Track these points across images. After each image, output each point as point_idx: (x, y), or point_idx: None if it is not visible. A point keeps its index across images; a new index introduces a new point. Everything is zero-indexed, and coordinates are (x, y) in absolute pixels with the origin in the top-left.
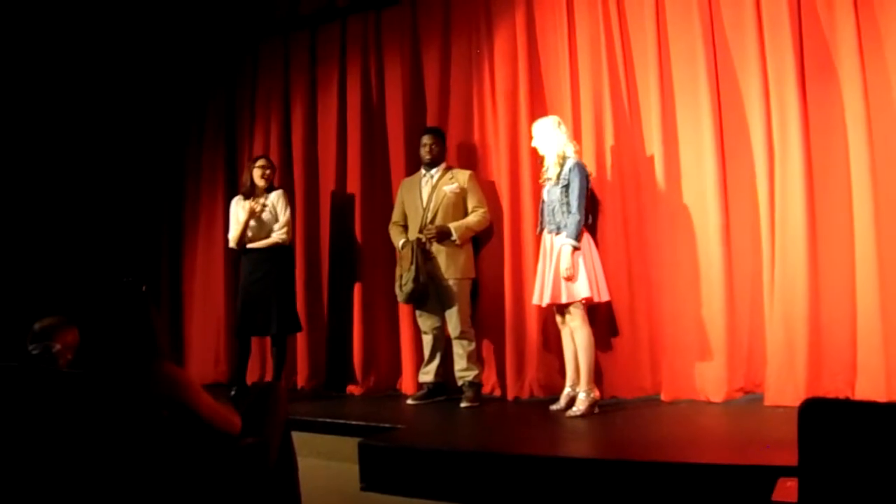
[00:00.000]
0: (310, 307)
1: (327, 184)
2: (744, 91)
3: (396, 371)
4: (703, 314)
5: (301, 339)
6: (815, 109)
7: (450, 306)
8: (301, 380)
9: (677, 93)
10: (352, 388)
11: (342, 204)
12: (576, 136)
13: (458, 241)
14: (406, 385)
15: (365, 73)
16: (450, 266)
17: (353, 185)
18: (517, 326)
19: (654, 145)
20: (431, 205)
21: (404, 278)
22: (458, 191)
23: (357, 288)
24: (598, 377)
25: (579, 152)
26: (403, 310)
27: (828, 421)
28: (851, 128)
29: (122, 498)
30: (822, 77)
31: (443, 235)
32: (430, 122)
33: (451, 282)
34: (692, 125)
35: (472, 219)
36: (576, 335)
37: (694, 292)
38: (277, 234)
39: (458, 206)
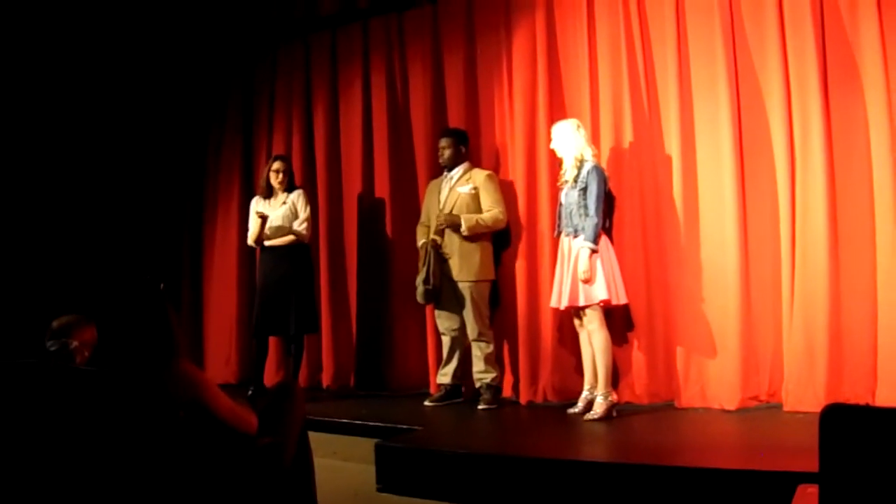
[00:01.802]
0: (336, 307)
1: (353, 185)
2: (765, 93)
3: (426, 371)
4: (719, 319)
5: (327, 338)
6: (837, 112)
7: (465, 308)
8: (326, 379)
9: (696, 95)
10: (382, 388)
11: (370, 205)
12: (594, 137)
13: (465, 232)
14: (435, 386)
15: (390, 74)
16: (463, 268)
17: (381, 186)
18: (532, 330)
19: (672, 148)
20: (447, 206)
21: (417, 279)
22: (472, 191)
23: (386, 288)
24: (614, 381)
25: (597, 156)
26: (430, 311)
27: (850, 427)
28: (874, 131)
29: (138, 497)
30: (844, 79)
31: (454, 225)
32: (453, 123)
33: (464, 284)
34: (711, 128)
35: (485, 215)
36: (593, 338)
37: (711, 297)
38: (298, 228)
39: (473, 206)
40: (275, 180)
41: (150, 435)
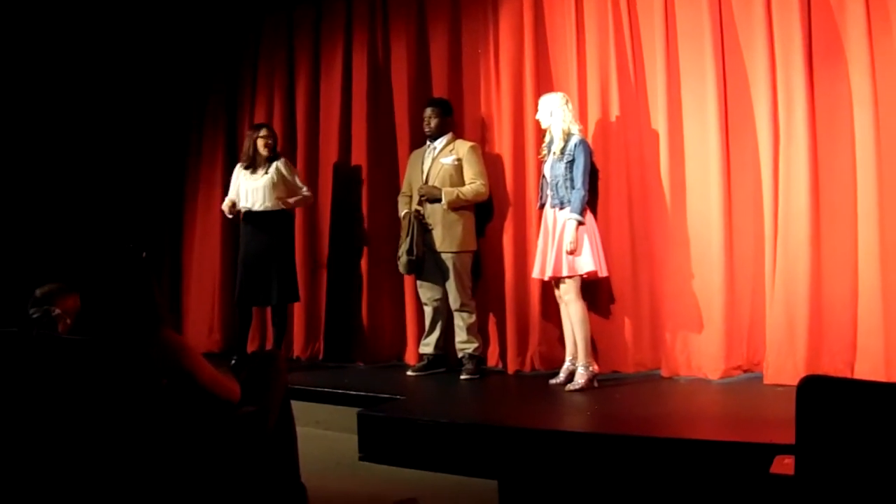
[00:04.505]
0: (309, 277)
1: (330, 155)
2: (749, 70)
3: (401, 342)
4: (703, 292)
5: (299, 308)
6: (821, 90)
7: (448, 279)
8: (298, 349)
9: (683, 71)
10: (354, 359)
11: (346, 175)
12: (581, 111)
13: (445, 206)
14: (410, 356)
15: (371, 45)
16: (446, 238)
17: (359, 157)
18: (519, 300)
19: (659, 123)
20: (430, 177)
21: (400, 250)
22: (455, 162)
23: (361, 259)
24: (597, 352)
25: (583, 131)
26: (408, 281)
27: (826, 399)
28: (857, 109)
29: (121, 464)
30: (829, 57)
31: (435, 197)
32: (437, 94)
33: (447, 254)
34: (697, 104)
35: (466, 188)
36: (570, 309)
37: (695, 270)
38: (303, 194)
39: (456, 178)
40: (263, 147)
41: (134, 403)
